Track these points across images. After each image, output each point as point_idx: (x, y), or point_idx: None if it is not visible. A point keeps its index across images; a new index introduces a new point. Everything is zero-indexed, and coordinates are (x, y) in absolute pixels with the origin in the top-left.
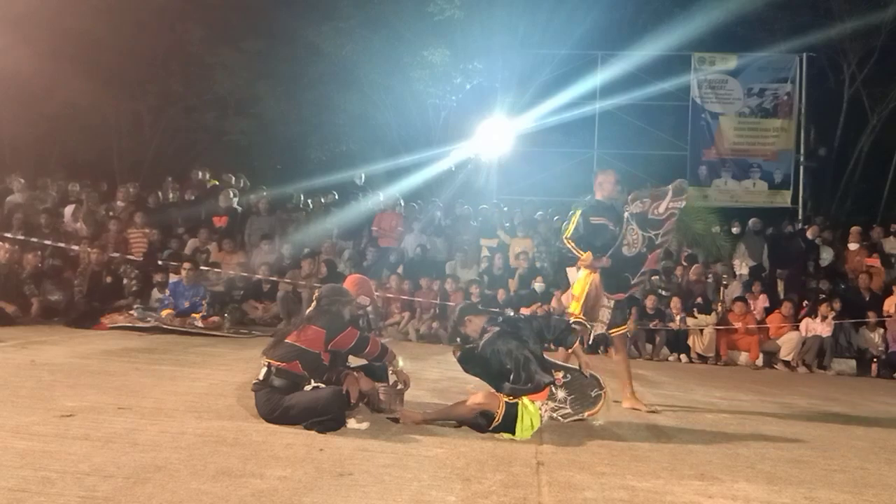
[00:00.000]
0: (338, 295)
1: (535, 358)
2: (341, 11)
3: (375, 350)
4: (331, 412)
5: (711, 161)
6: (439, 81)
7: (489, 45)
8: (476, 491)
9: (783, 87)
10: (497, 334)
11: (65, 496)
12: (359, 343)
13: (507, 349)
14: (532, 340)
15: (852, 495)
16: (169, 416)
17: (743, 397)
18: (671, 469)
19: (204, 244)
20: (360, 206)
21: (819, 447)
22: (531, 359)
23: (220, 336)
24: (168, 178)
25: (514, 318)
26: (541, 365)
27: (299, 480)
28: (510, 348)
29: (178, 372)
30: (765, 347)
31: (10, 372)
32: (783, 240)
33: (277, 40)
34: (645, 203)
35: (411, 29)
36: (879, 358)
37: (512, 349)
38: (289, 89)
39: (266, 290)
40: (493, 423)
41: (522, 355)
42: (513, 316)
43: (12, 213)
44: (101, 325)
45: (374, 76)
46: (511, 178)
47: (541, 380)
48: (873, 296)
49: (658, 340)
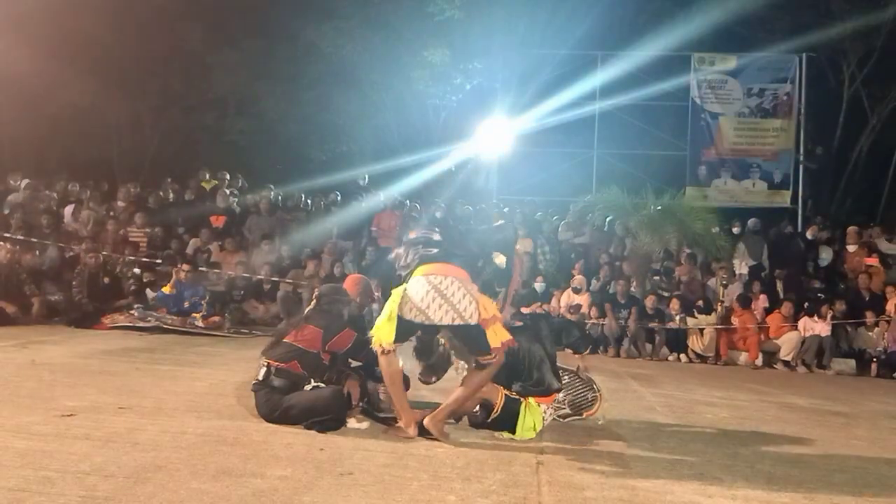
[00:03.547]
0: (337, 295)
1: (549, 360)
2: (341, 11)
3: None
4: (331, 412)
5: (711, 161)
6: (439, 81)
7: (489, 45)
8: (476, 490)
9: (783, 88)
10: (518, 329)
11: (65, 496)
12: (356, 345)
13: (526, 347)
14: (549, 342)
15: (852, 495)
16: (169, 415)
17: (743, 397)
18: (671, 469)
19: (205, 244)
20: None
21: (819, 447)
22: (545, 360)
23: (220, 336)
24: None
25: (537, 315)
26: (552, 368)
27: (299, 480)
28: (528, 347)
29: (179, 372)
30: (764, 347)
31: (11, 372)
32: (783, 240)
33: (277, 40)
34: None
35: (411, 29)
36: (879, 358)
37: (530, 348)
38: (289, 89)
39: (266, 290)
40: (491, 415)
41: (538, 355)
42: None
43: (12, 212)
44: (101, 324)
45: (374, 76)
46: (511, 178)
47: (551, 383)
48: (873, 296)
49: (658, 340)
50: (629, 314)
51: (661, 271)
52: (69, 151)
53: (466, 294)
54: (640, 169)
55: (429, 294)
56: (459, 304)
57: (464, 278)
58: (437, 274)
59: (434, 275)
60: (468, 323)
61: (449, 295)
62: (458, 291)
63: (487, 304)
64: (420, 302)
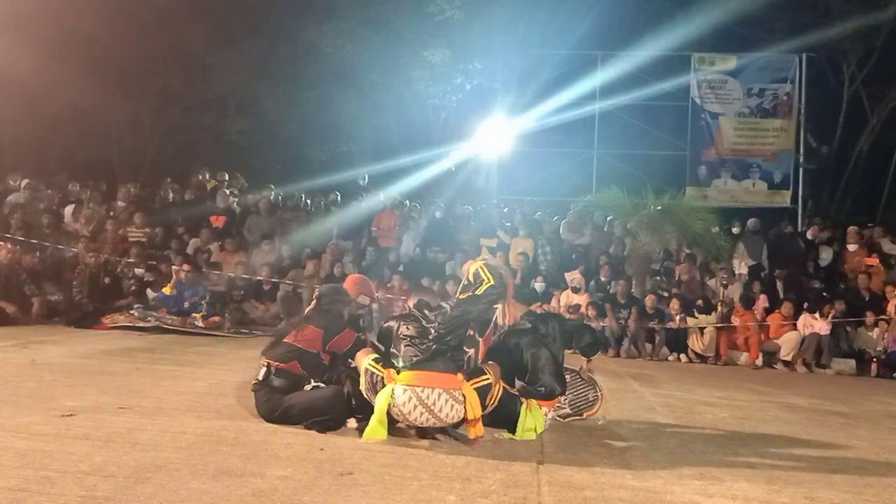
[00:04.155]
0: (338, 295)
1: (554, 363)
2: (341, 11)
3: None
4: (331, 412)
5: (711, 161)
6: (439, 81)
7: (489, 45)
8: (476, 490)
9: (783, 88)
10: (527, 329)
11: (65, 496)
12: (356, 345)
13: (534, 347)
14: (557, 345)
15: (852, 495)
16: (169, 415)
17: (743, 397)
18: (671, 469)
19: (205, 244)
20: (360, 205)
21: (819, 447)
22: (550, 364)
23: (220, 336)
24: (167, 179)
25: (548, 316)
26: (557, 371)
27: (299, 480)
28: (535, 347)
29: (179, 372)
30: (765, 347)
31: (11, 372)
32: (783, 240)
33: (277, 40)
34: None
35: (411, 29)
36: (879, 358)
37: (535, 351)
38: (289, 89)
39: (267, 290)
40: (486, 405)
41: (544, 358)
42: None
43: (12, 212)
44: (101, 324)
45: (374, 76)
46: (511, 178)
47: (554, 388)
48: (873, 296)
49: (658, 340)
50: (629, 314)
51: (661, 271)
52: (69, 151)
53: (450, 401)
54: (640, 169)
55: (411, 402)
56: (441, 411)
57: (451, 386)
58: (423, 386)
59: (419, 387)
60: (450, 423)
61: (430, 404)
62: (442, 402)
63: (475, 404)
64: (403, 408)
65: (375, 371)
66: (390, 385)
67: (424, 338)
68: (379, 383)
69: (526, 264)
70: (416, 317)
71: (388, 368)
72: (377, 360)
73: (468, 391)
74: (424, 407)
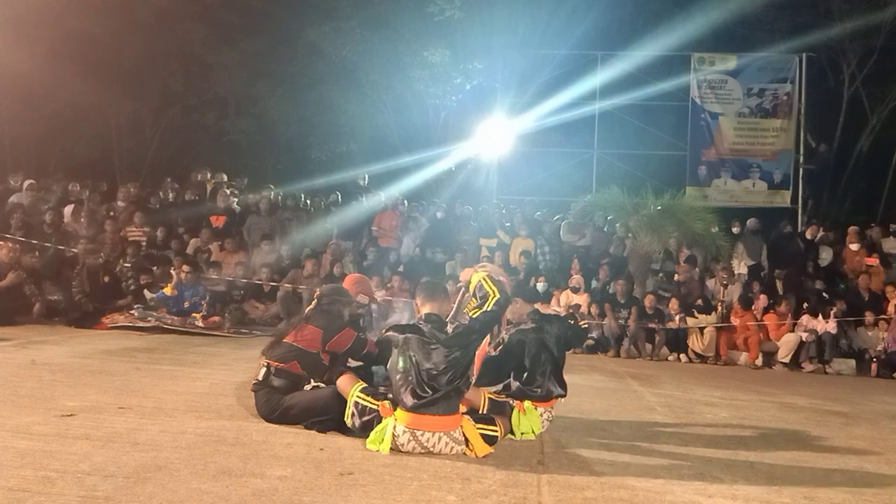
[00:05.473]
0: (338, 295)
1: (554, 365)
2: (341, 11)
3: (374, 352)
4: (331, 412)
5: (711, 161)
6: (439, 81)
7: (489, 45)
8: (476, 490)
9: (783, 88)
10: (532, 329)
11: (65, 496)
12: (356, 345)
13: (535, 347)
14: (559, 347)
15: (852, 495)
16: (169, 415)
17: (743, 397)
18: (671, 469)
19: (205, 244)
20: (360, 205)
21: (819, 447)
22: (548, 365)
23: (220, 336)
24: (167, 179)
25: (551, 318)
26: (557, 373)
27: (299, 480)
28: (535, 351)
29: (179, 372)
30: (764, 347)
31: (11, 372)
32: (782, 240)
33: (277, 40)
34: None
35: (411, 29)
36: (879, 358)
37: (536, 352)
38: (289, 89)
39: (266, 290)
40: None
41: (543, 360)
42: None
43: (12, 212)
44: (101, 324)
45: (374, 76)
46: (511, 178)
47: (551, 390)
48: (873, 295)
49: (658, 340)
50: (629, 314)
51: (661, 271)
52: (69, 151)
53: (450, 443)
54: (640, 169)
55: (410, 444)
56: (441, 452)
57: (451, 427)
58: (423, 430)
59: (419, 430)
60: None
61: (430, 446)
62: (442, 445)
63: (477, 444)
64: (402, 447)
65: (368, 405)
66: (390, 421)
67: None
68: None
69: (529, 263)
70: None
71: (381, 401)
72: (365, 390)
73: (469, 430)
74: (423, 448)
